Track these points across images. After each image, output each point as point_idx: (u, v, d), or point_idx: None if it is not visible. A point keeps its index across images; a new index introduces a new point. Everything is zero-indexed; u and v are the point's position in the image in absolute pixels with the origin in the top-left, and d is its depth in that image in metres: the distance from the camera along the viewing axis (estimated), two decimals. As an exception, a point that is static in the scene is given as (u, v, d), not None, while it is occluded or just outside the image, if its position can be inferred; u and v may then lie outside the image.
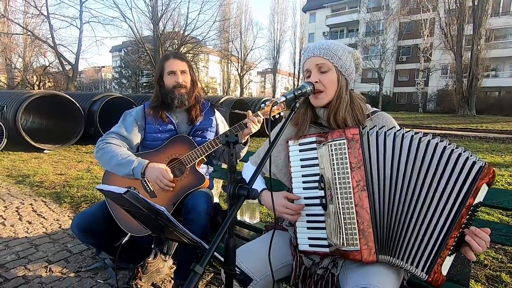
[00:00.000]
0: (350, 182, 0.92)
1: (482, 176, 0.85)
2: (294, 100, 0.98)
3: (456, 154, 0.86)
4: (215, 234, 0.64)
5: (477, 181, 0.85)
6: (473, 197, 0.85)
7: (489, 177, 0.87)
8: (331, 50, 1.08)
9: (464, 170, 0.86)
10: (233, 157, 0.71)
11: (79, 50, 19.85)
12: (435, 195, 0.87)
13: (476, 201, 0.87)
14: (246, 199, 0.72)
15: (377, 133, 0.94)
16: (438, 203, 0.87)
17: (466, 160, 0.86)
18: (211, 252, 0.61)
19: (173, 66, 1.59)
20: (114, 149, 1.50)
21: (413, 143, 0.90)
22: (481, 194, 0.87)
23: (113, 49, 51.03)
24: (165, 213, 0.69)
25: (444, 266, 0.89)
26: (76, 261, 1.99)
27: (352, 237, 0.92)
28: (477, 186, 0.85)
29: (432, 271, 0.87)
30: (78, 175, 4.18)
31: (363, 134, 0.94)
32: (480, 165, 0.86)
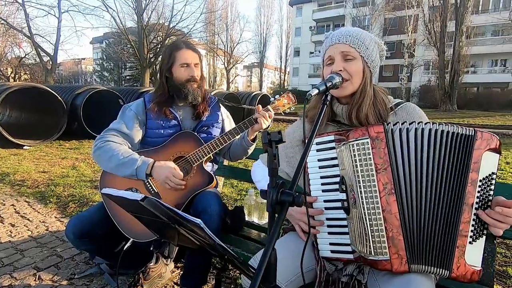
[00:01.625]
0: (376, 185, 0.84)
1: (476, 145, 0.80)
2: (325, 92, 0.89)
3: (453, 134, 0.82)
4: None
5: (471, 153, 0.80)
6: (475, 171, 0.80)
7: (489, 144, 0.80)
8: (359, 38, 1.00)
9: (455, 147, 0.81)
10: (275, 159, 0.61)
11: (57, 40, 18.89)
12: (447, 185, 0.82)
13: (483, 174, 0.81)
14: (290, 206, 0.62)
15: (401, 130, 0.86)
16: (449, 192, 0.82)
17: (456, 136, 0.82)
18: (261, 273, 0.51)
19: (187, 57, 1.45)
20: (114, 148, 1.36)
21: (431, 136, 0.83)
22: (488, 164, 0.81)
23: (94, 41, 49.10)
24: (201, 225, 0.59)
25: (470, 256, 0.82)
26: (68, 267, 1.84)
27: (380, 245, 0.84)
28: (475, 158, 0.80)
29: (452, 265, 0.81)
30: (63, 172, 3.94)
31: (388, 132, 0.86)
32: (467, 134, 0.81)
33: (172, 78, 1.46)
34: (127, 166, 1.31)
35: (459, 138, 0.82)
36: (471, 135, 0.82)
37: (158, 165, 1.33)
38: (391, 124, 0.87)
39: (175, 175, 1.33)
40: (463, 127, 0.84)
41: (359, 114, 1.00)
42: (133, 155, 1.34)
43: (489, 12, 24.84)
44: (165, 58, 1.45)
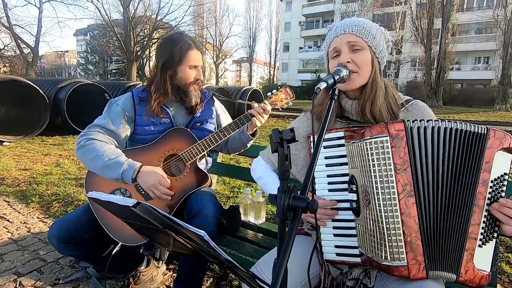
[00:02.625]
0: (395, 186, 0.79)
1: (489, 144, 0.76)
2: (333, 86, 0.83)
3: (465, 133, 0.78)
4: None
5: (483, 153, 0.76)
6: (487, 171, 0.77)
7: (502, 143, 0.77)
8: (366, 28, 0.95)
9: (468, 146, 0.78)
10: (287, 160, 0.54)
11: (39, 32, 18.13)
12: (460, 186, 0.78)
13: (495, 174, 0.78)
14: (303, 213, 0.56)
15: (419, 128, 0.81)
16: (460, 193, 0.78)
17: (469, 135, 0.78)
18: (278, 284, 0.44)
19: (196, 59, 1.36)
20: (98, 147, 1.25)
21: (446, 135, 0.79)
22: (501, 164, 0.78)
23: (78, 33, 47.53)
24: (205, 238, 0.52)
25: (479, 260, 0.78)
26: (51, 272, 1.73)
27: (397, 250, 0.79)
28: (487, 158, 0.76)
29: (460, 269, 0.78)
30: (46, 170, 3.76)
31: (408, 129, 0.81)
32: (480, 132, 0.77)
33: (176, 78, 1.34)
34: (112, 169, 1.21)
35: (471, 137, 0.78)
36: (484, 134, 0.78)
37: (145, 170, 1.24)
38: (410, 122, 0.82)
39: (162, 183, 1.24)
40: (475, 125, 0.80)
41: (373, 109, 0.94)
42: (119, 157, 1.24)
43: (473, 10, 25.43)
44: (173, 54, 1.31)
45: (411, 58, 27.42)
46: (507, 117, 13.45)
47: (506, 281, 1.73)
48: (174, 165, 1.38)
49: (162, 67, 1.33)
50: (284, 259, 0.48)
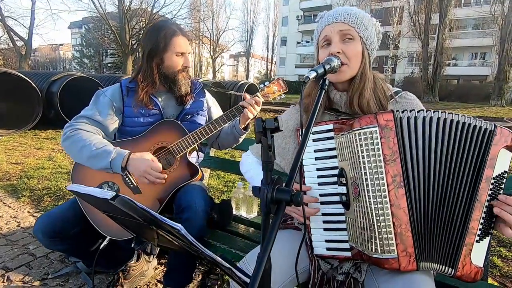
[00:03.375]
0: (384, 177, 0.78)
1: (495, 141, 0.75)
2: (324, 75, 0.80)
3: (471, 126, 0.77)
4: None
5: (489, 149, 0.75)
6: (491, 167, 0.76)
7: (506, 141, 0.76)
8: (358, 17, 0.92)
9: (474, 141, 0.76)
10: (270, 150, 0.52)
11: (32, 24, 17.79)
12: (458, 178, 0.77)
13: (497, 171, 0.77)
14: (287, 205, 0.54)
15: (409, 118, 0.79)
16: (460, 186, 0.77)
17: (474, 129, 0.76)
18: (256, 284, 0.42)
19: (183, 46, 1.32)
20: (85, 138, 1.22)
21: (439, 126, 0.78)
22: (503, 161, 0.77)
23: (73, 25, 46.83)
24: (182, 232, 0.49)
25: (475, 255, 0.78)
26: (41, 267, 1.70)
27: (387, 242, 0.78)
28: (492, 154, 0.75)
29: (458, 264, 0.77)
30: (38, 164, 3.71)
31: (397, 119, 0.79)
32: (489, 129, 0.76)
33: (163, 66, 1.31)
34: (100, 159, 1.18)
35: (478, 132, 0.77)
36: (491, 130, 0.76)
37: (134, 157, 1.21)
38: (399, 112, 0.80)
39: (154, 168, 1.21)
40: (481, 120, 0.78)
41: (361, 101, 0.93)
42: (106, 146, 1.21)
43: (471, 6, 25.39)
44: (158, 42, 1.27)
45: (408, 53, 27.42)
46: (501, 113, 13.54)
47: (497, 274, 1.74)
48: (164, 158, 1.35)
49: (148, 56, 1.29)
50: (266, 252, 0.46)
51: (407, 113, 0.79)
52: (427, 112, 0.79)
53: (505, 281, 1.68)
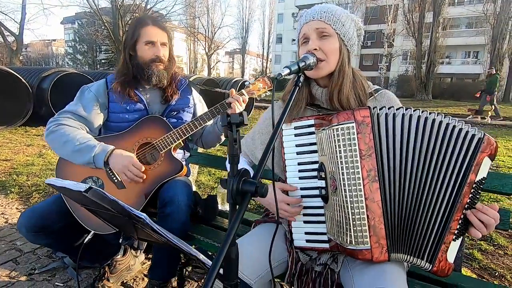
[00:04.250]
0: (360, 172, 0.80)
1: (482, 148, 0.78)
2: (298, 73, 0.83)
3: (457, 129, 0.79)
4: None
5: (476, 155, 0.78)
6: (475, 173, 0.78)
7: (491, 149, 0.79)
8: (334, 15, 0.94)
9: (463, 146, 0.78)
10: (236, 144, 0.54)
11: (23, 19, 17.48)
12: (439, 178, 0.79)
13: (479, 177, 0.80)
14: (253, 197, 0.56)
15: (387, 115, 0.82)
16: (441, 186, 0.79)
17: (466, 134, 0.78)
18: (213, 275, 0.45)
19: (152, 35, 1.31)
20: (69, 132, 1.23)
21: (420, 123, 0.80)
22: (484, 168, 0.80)
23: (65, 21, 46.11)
24: (147, 221, 0.51)
25: (450, 252, 0.81)
26: (28, 262, 1.71)
27: (361, 234, 0.81)
28: (478, 161, 0.78)
29: (436, 260, 0.80)
30: (27, 160, 3.69)
31: (373, 116, 0.82)
32: (478, 136, 0.78)
33: (136, 57, 1.32)
34: (84, 153, 1.19)
35: (465, 136, 0.78)
36: (481, 137, 0.78)
37: (116, 153, 1.22)
38: (377, 109, 0.82)
39: (134, 165, 1.23)
40: (469, 124, 0.80)
41: (340, 97, 0.94)
42: (90, 141, 1.22)
43: (464, 4, 25.59)
44: (129, 33, 1.31)
45: (402, 52, 27.59)
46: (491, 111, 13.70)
47: (476, 267, 1.79)
48: (149, 153, 1.37)
49: (124, 49, 1.32)
50: (227, 241, 0.48)
51: (385, 109, 0.82)
52: (407, 110, 0.81)
53: (483, 273, 1.74)
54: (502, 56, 18.55)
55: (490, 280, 1.67)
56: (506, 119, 10.79)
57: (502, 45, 18.23)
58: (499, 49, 18.13)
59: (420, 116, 0.80)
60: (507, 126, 8.94)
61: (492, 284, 1.18)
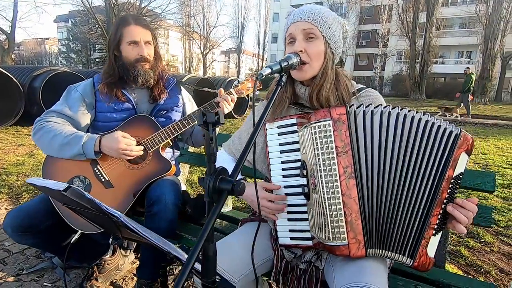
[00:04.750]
0: (336, 168, 0.81)
1: (459, 144, 0.80)
2: (280, 72, 0.83)
3: (436, 126, 0.80)
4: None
5: (454, 151, 0.79)
6: (452, 168, 0.80)
7: (467, 145, 0.81)
8: (322, 17, 0.94)
9: (441, 142, 0.80)
10: (212, 142, 0.55)
11: (14, 17, 17.27)
12: (419, 174, 0.81)
13: (457, 172, 0.81)
14: (230, 194, 0.57)
15: (364, 112, 0.83)
16: (421, 181, 0.81)
17: (444, 131, 0.80)
18: (187, 269, 0.45)
19: (135, 34, 1.30)
20: (56, 128, 1.23)
21: (399, 121, 0.81)
22: (461, 163, 0.82)
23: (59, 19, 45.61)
24: (121, 219, 0.52)
25: (430, 247, 0.83)
26: (16, 262, 1.70)
27: (339, 230, 0.82)
28: (455, 156, 0.80)
29: (417, 255, 0.81)
30: (18, 160, 3.65)
31: (350, 114, 0.83)
32: (455, 133, 0.80)
33: (121, 57, 1.32)
34: (72, 145, 1.19)
35: (443, 133, 0.80)
36: (458, 134, 0.80)
37: (105, 138, 1.23)
38: (354, 107, 0.84)
39: (127, 143, 1.23)
40: (446, 121, 0.82)
41: (319, 97, 0.95)
42: (77, 133, 1.22)
43: (457, 5, 25.87)
44: (113, 34, 1.31)
45: (397, 51, 27.81)
46: (484, 110, 13.93)
47: (463, 264, 1.82)
48: (136, 153, 1.36)
49: (109, 49, 1.32)
50: (201, 238, 0.49)
51: (363, 107, 0.83)
52: (386, 107, 0.82)
53: (469, 269, 1.77)
54: (494, 56, 18.80)
55: (475, 276, 1.70)
56: (498, 118, 10.95)
57: (494, 45, 18.48)
58: (491, 49, 18.37)
59: (399, 113, 0.81)
60: (498, 125, 9.07)
61: (476, 280, 1.20)
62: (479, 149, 5.34)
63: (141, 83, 1.34)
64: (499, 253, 1.95)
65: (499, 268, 1.79)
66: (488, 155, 4.84)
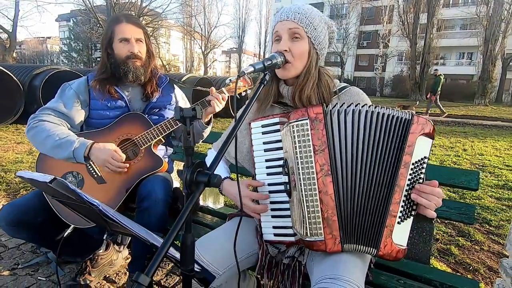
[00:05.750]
0: (314, 166, 0.84)
1: (412, 129, 0.81)
2: (264, 71, 0.86)
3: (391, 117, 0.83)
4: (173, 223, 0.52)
5: (406, 136, 0.81)
6: (409, 154, 0.82)
7: (423, 129, 0.82)
8: (307, 17, 0.95)
9: (395, 130, 0.83)
10: (189, 136, 0.57)
11: (16, 16, 17.34)
12: (381, 166, 0.83)
13: (416, 157, 0.83)
14: (206, 186, 0.59)
15: (339, 111, 0.85)
16: (382, 172, 0.83)
17: (395, 120, 0.83)
18: (161, 255, 0.48)
19: (126, 32, 1.33)
20: (49, 128, 1.26)
21: (367, 118, 0.84)
22: (422, 148, 0.83)
23: (60, 18, 45.71)
24: (100, 207, 0.54)
25: (397, 235, 0.83)
26: (11, 257, 1.73)
27: (316, 226, 0.84)
28: (410, 141, 0.81)
29: (380, 244, 0.83)
30: (17, 158, 3.68)
31: (327, 113, 0.86)
32: (405, 118, 0.82)
33: (113, 55, 1.35)
34: (64, 148, 1.22)
35: (396, 121, 0.83)
36: (408, 119, 0.82)
37: (97, 147, 1.25)
38: (330, 106, 0.86)
39: (115, 158, 1.25)
40: (402, 111, 0.84)
41: (301, 96, 0.98)
42: (69, 136, 1.25)
43: (459, 6, 25.84)
44: (105, 32, 1.34)
45: (398, 52, 27.80)
46: (484, 112, 13.92)
47: (452, 261, 1.84)
48: (130, 149, 1.39)
49: (102, 47, 1.35)
50: (175, 229, 0.51)
51: (338, 107, 0.86)
52: (357, 105, 0.85)
53: (458, 267, 1.79)
54: (495, 57, 18.78)
55: (464, 274, 1.72)
56: (498, 119, 10.95)
57: (495, 47, 18.46)
58: (492, 50, 18.35)
59: (368, 111, 0.84)
60: (498, 126, 9.07)
61: (458, 276, 1.22)
62: (476, 150, 5.36)
63: (131, 79, 1.36)
64: (489, 252, 1.97)
65: (488, 266, 1.81)
66: (485, 156, 4.86)
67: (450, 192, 3.04)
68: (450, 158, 4.64)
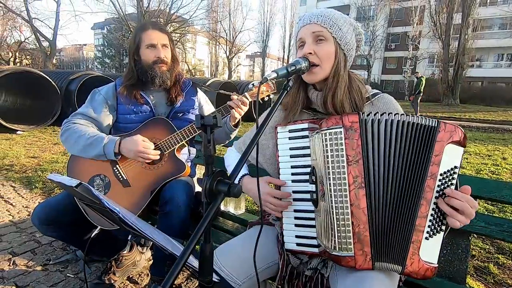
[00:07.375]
0: (346, 178, 0.79)
1: (439, 138, 0.75)
2: (287, 77, 0.84)
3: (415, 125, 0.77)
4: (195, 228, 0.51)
5: (432, 145, 0.75)
6: (436, 164, 0.75)
7: (453, 136, 0.75)
8: (331, 18, 0.93)
9: (418, 140, 0.77)
10: (210, 145, 0.56)
11: (56, 25, 18.67)
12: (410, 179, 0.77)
13: (446, 167, 0.76)
14: (226, 196, 0.58)
15: (373, 121, 0.80)
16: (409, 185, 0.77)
17: (419, 128, 0.77)
18: (178, 267, 0.47)
19: (152, 38, 1.38)
20: (81, 129, 1.32)
21: (399, 129, 0.79)
22: (451, 157, 0.76)
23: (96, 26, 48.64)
24: (120, 215, 0.54)
25: (425, 252, 0.77)
26: (44, 253, 1.82)
27: (345, 240, 0.80)
28: (437, 151, 0.75)
29: (406, 261, 0.77)
30: (53, 158, 3.92)
31: (362, 122, 0.81)
32: (430, 125, 0.76)
33: (140, 61, 1.40)
34: (94, 146, 1.28)
35: (421, 129, 0.78)
36: (434, 127, 0.76)
37: (125, 140, 1.30)
38: (365, 114, 0.82)
39: (145, 146, 1.29)
40: (428, 118, 0.79)
41: (334, 101, 0.94)
42: (99, 134, 1.31)
43: (497, 5, 24.25)
44: (132, 40, 1.40)
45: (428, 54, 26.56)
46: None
47: (491, 281, 1.69)
48: (153, 153, 1.42)
49: (129, 54, 1.41)
50: (194, 238, 0.50)
51: (372, 115, 0.81)
52: (389, 115, 0.80)
53: (497, 288, 1.64)
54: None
55: (504, 296, 1.57)
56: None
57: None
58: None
59: (399, 120, 0.79)
60: None
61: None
62: None
63: (158, 84, 1.40)
64: (534, 273, 1.79)
65: (533, 289, 1.64)
66: None
67: (488, 204, 2.82)
68: (487, 168, 4.32)
